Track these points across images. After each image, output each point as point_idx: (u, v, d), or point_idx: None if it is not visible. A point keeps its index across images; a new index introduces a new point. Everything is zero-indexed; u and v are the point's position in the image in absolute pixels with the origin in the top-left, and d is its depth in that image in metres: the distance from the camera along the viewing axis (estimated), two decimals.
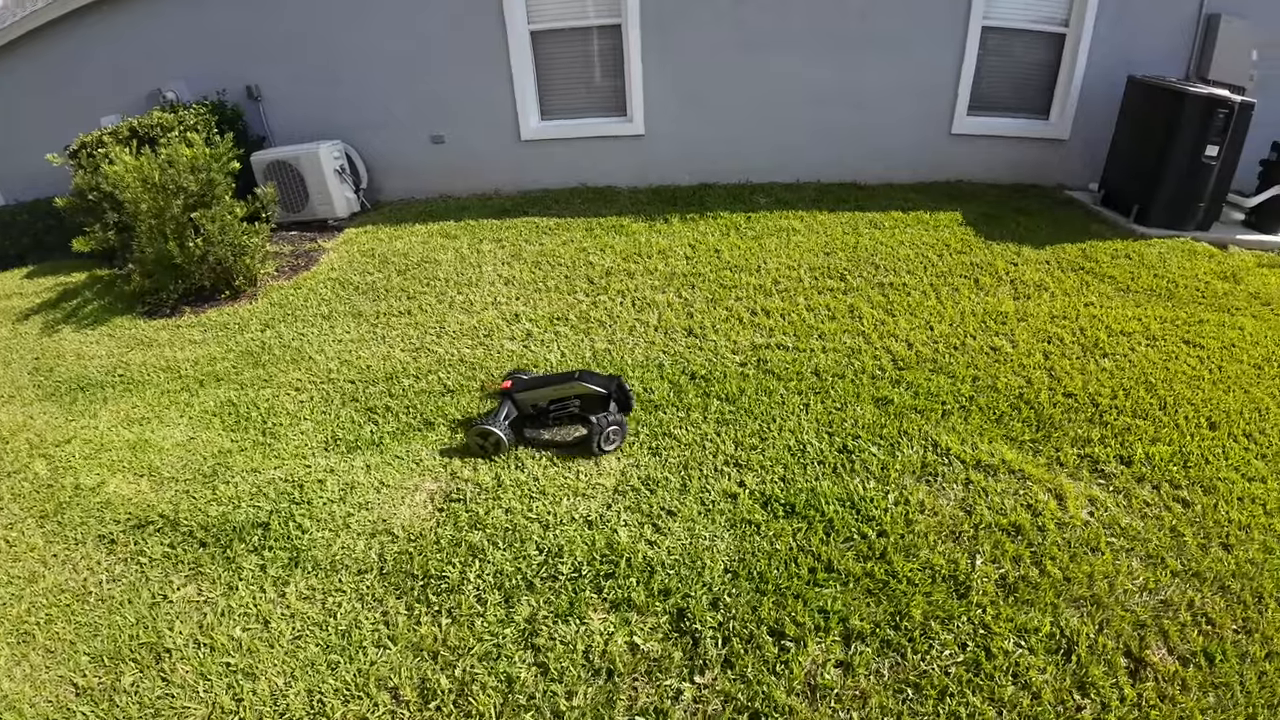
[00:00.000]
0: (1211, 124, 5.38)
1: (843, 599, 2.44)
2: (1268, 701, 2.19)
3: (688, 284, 4.70)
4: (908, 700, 2.13)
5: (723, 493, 2.94)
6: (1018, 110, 6.53)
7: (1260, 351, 4.10)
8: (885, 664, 2.24)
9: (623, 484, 3.03)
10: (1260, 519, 2.89)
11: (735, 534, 2.73)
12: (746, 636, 2.31)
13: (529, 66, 6.33)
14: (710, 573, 2.56)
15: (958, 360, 3.84)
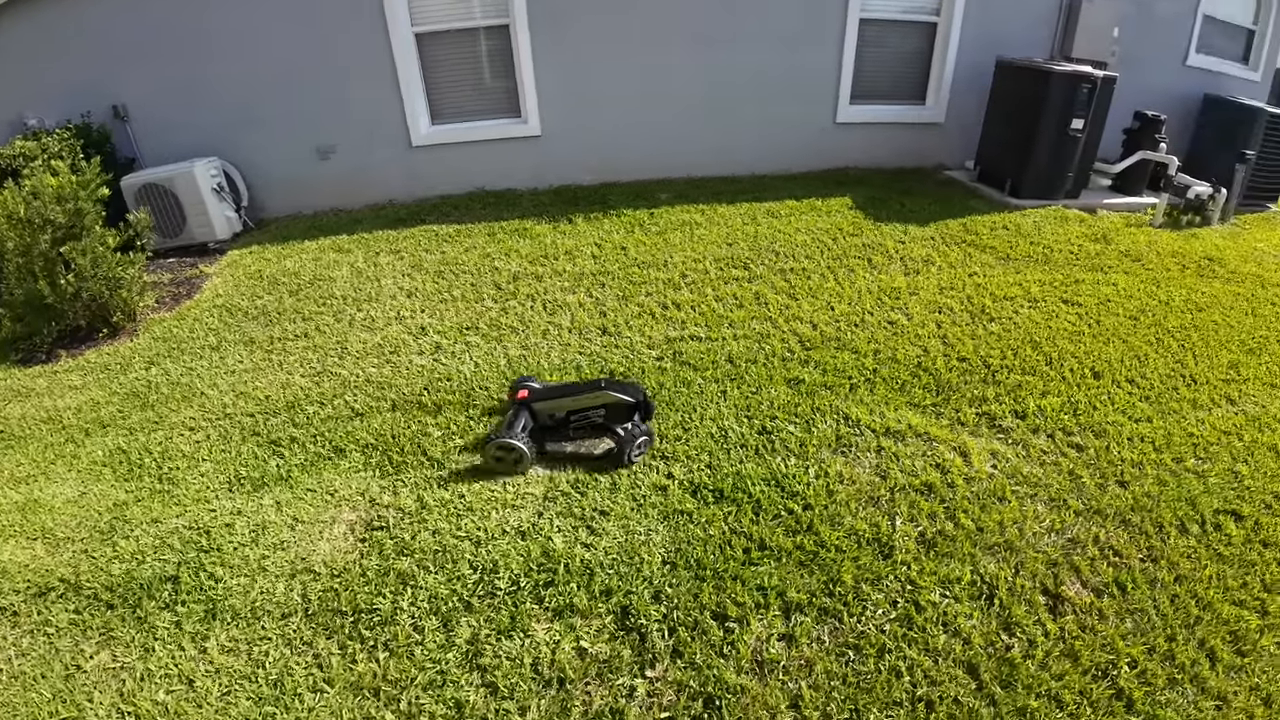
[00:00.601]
0: (1076, 99, 5.88)
1: (778, 574, 2.52)
2: (1184, 622, 2.43)
3: (597, 283, 4.71)
4: (850, 662, 2.23)
5: (652, 486, 2.97)
6: (897, 97, 6.94)
7: (1134, 304, 4.54)
8: (825, 631, 2.34)
9: (552, 490, 3.00)
10: (1150, 455, 3.21)
11: (669, 525, 2.77)
12: (691, 624, 2.35)
13: (416, 70, 6.15)
14: (649, 567, 2.58)
15: (859, 336, 4.04)
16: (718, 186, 6.45)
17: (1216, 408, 3.69)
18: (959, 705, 2.12)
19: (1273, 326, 4.57)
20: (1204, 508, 2.97)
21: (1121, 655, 2.30)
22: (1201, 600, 2.53)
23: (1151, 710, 2.17)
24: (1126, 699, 2.19)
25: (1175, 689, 2.24)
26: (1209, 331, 4.36)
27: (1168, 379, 3.86)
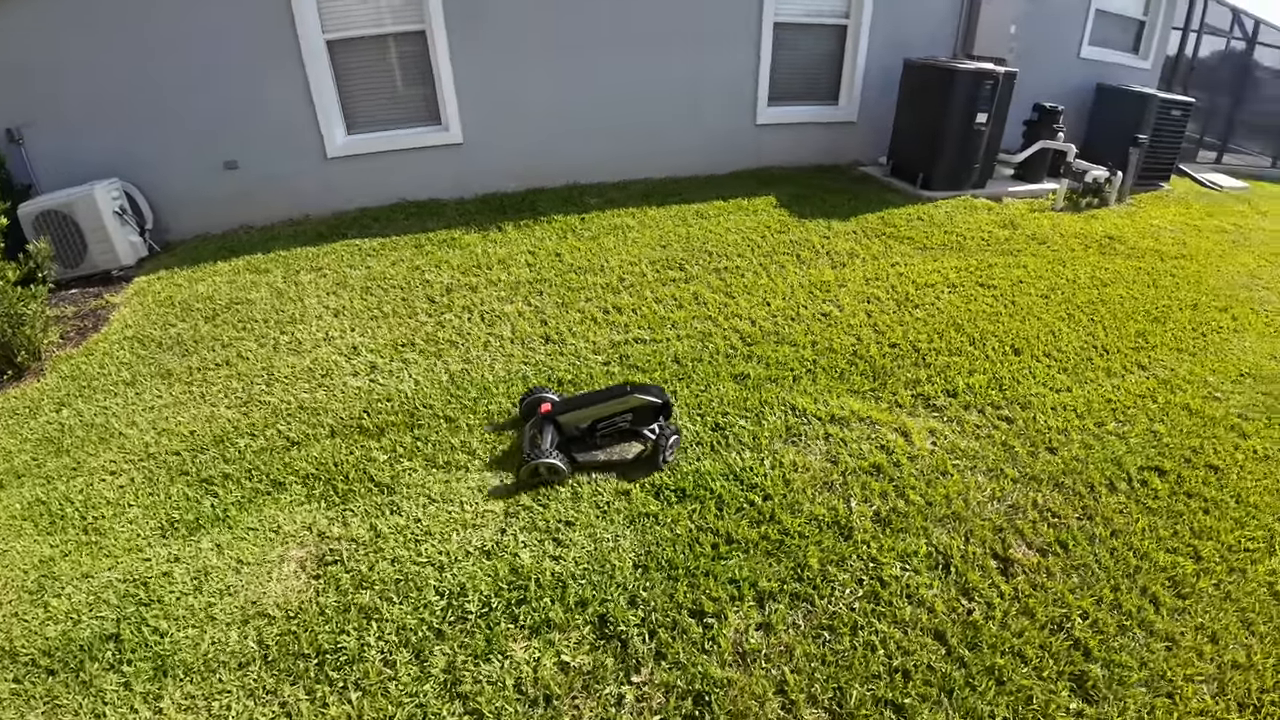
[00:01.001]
0: (979, 95, 6.25)
1: (748, 566, 2.57)
2: (1125, 572, 2.62)
3: (535, 291, 4.67)
4: (826, 643, 2.30)
5: (615, 491, 2.97)
6: (812, 98, 7.22)
7: (1044, 284, 4.86)
8: (799, 615, 2.40)
9: (512, 505, 2.95)
10: (1074, 422, 3.45)
11: (636, 529, 2.78)
12: (670, 624, 2.37)
13: (329, 79, 5.90)
14: (621, 573, 2.58)
15: (796, 330, 4.16)
16: (645, 189, 6.52)
17: (1129, 374, 4.01)
18: (932, 671, 2.23)
19: (1173, 296, 5.01)
20: (1129, 466, 3.22)
21: (1073, 608, 2.47)
22: (1138, 551, 2.74)
23: (1108, 656, 2.34)
24: (1084, 648, 2.35)
25: (1126, 635, 2.42)
26: (1115, 304, 4.73)
27: (1082, 351, 4.16)
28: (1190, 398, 3.86)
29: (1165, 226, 6.93)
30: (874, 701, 2.15)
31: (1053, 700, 2.20)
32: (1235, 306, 5.31)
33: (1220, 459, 3.42)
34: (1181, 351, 4.37)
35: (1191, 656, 2.40)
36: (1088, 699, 2.23)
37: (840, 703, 2.14)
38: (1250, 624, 2.58)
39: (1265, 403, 4.00)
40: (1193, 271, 5.87)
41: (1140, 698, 2.24)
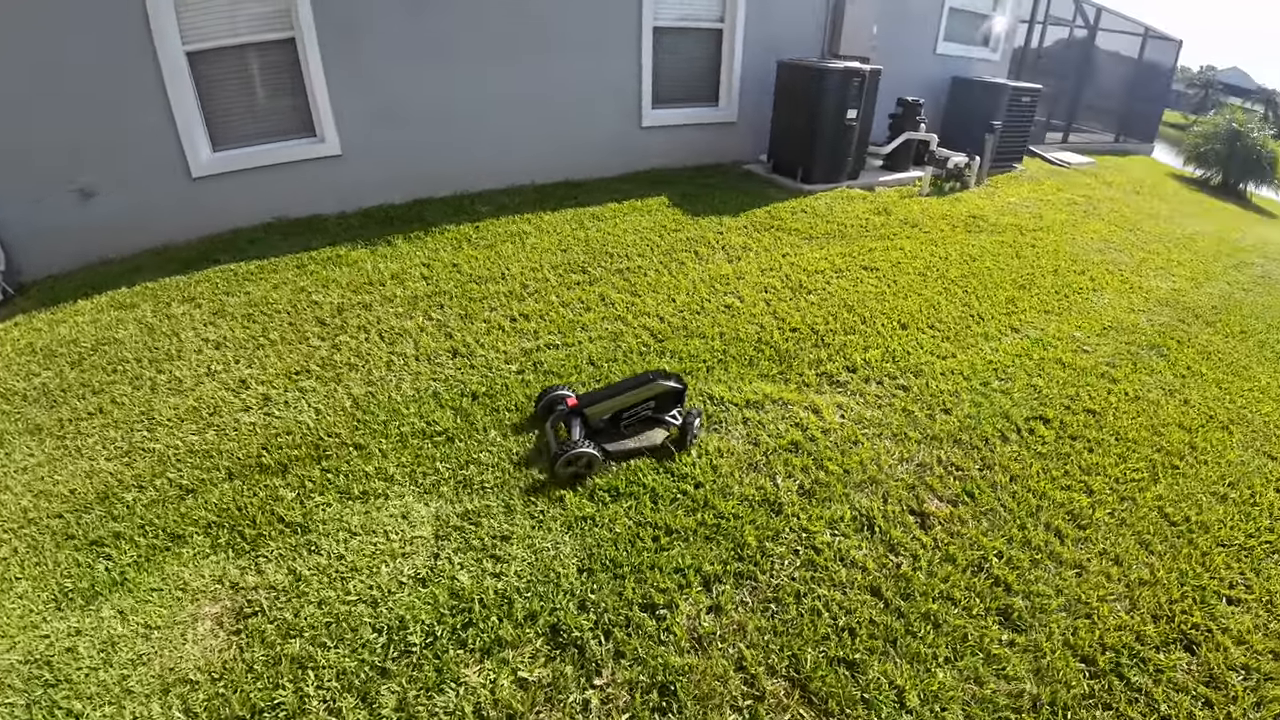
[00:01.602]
0: (849, 92, 6.64)
1: (690, 553, 2.61)
2: (1028, 512, 2.86)
3: (435, 304, 4.53)
4: (774, 614, 2.38)
5: (548, 499, 2.93)
6: (693, 100, 7.42)
7: (920, 263, 5.23)
8: (746, 593, 2.46)
9: (442, 528, 2.84)
10: (962, 384, 3.73)
11: (575, 533, 2.75)
12: (624, 622, 2.36)
13: (190, 93, 5.42)
14: (567, 579, 2.55)
15: (703, 322, 4.27)
16: (537, 195, 6.46)
17: (1005, 337, 4.40)
18: (875, 625, 2.35)
19: (1036, 265, 5.53)
20: (1016, 418, 3.53)
21: (988, 550, 2.68)
22: (1036, 492, 3.01)
23: (1026, 588, 2.55)
24: (1004, 584, 2.55)
25: (1040, 567, 2.65)
26: (985, 276, 5.17)
27: (960, 320, 4.52)
28: (1062, 353, 4.29)
29: (1022, 203, 7.65)
30: (828, 662, 2.24)
31: (985, 634, 2.38)
32: (1092, 269, 5.95)
33: (1096, 403, 3.82)
34: (1049, 313, 4.84)
35: (1101, 580, 2.67)
36: (1016, 629, 2.43)
37: (797, 668, 2.22)
38: (1148, 544, 2.90)
39: (1129, 351, 4.50)
40: (1051, 241, 6.51)
41: (1063, 621, 2.47)
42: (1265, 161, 13.15)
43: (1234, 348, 4.88)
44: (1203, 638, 2.53)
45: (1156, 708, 2.25)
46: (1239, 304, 5.84)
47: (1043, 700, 2.20)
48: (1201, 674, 2.40)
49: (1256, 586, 2.80)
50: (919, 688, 2.19)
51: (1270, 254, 8.15)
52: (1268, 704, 2.33)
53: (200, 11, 5.28)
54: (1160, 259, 6.67)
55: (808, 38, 7.71)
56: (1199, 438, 3.69)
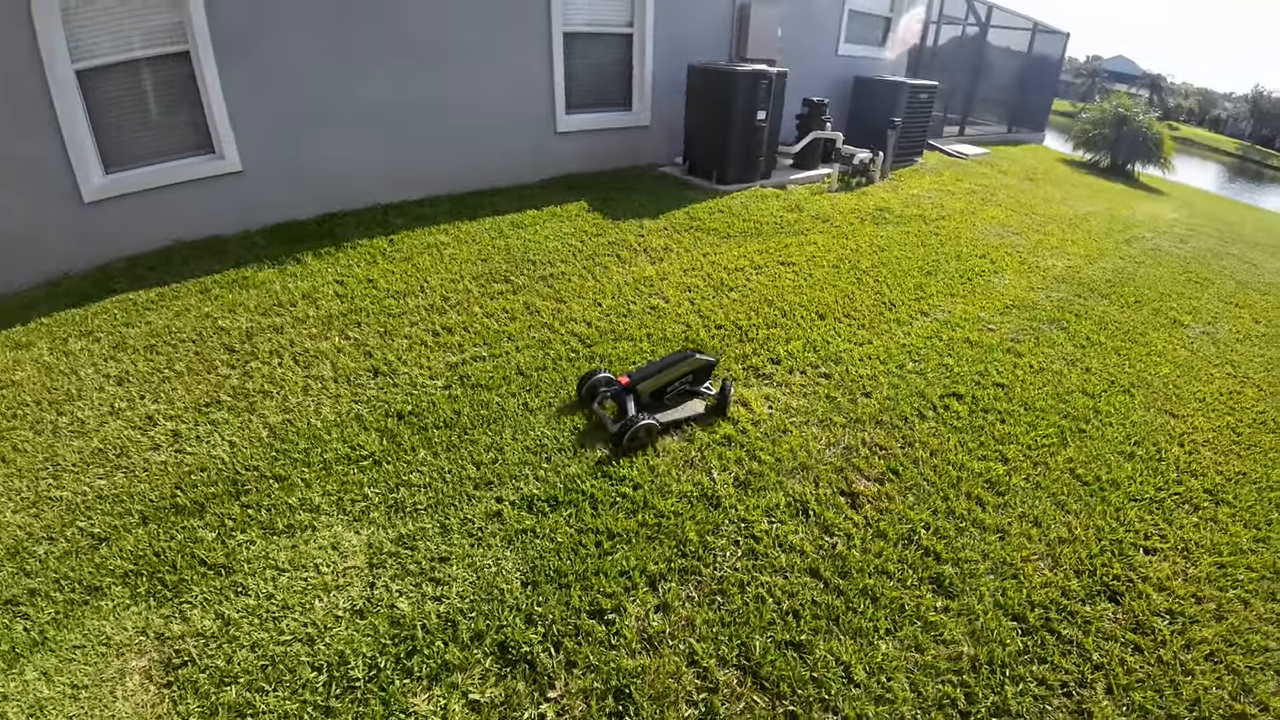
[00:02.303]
0: (757, 94, 6.79)
1: (634, 554, 2.61)
2: (949, 484, 2.98)
3: (351, 323, 4.37)
4: (721, 606, 2.41)
5: (485, 515, 2.87)
6: (607, 105, 7.44)
7: (833, 256, 5.40)
8: (691, 588, 2.48)
9: (376, 556, 2.74)
10: (879, 368, 3.87)
11: (516, 548, 2.71)
12: (573, 631, 2.34)
13: (80, 113, 5.01)
14: (511, 594, 2.50)
15: (630, 325, 4.29)
16: (453, 204, 6.33)
17: (915, 321, 4.60)
18: (817, 605, 2.42)
19: (940, 252, 5.79)
20: (931, 396, 3.69)
21: (916, 522, 2.79)
22: (955, 464, 3.16)
23: (955, 555, 2.67)
24: (934, 554, 2.66)
25: (965, 535, 2.77)
26: (894, 265, 5.40)
27: (874, 308, 4.70)
28: (969, 332, 4.51)
29: (925, 194, 8.02)
30: (776, 646, 2.28)
31: (921, 603, 2.47)
32: (992, 252, 6.29)
33: (1004, 377, 4.03)
34: (954, 296, 5.09)
35: (1023, 541, 2.83)
36: (949, 595, 2.54)
37: (747, 656, 2.25)
38: (1064, 505, 3.09)
39: (1030, 326, 4.78)
40: (952, 229, 6.85)
41: (992, 584, 2.60)
42: (1151, 142, 14.19)
43: (1129, 317, 5.27)
44: (1125, 588, 2.71)
45: (1089, 657, 2.40)
46: (1131, 276, 6.31)
47: (981, 660, 2.31)
48: (1128, 622, 2.57)
49: (1171, 536, 3.03)
50: (864, 661, 2.26)
51: (1160, 228, 8.84)
52: (1196, 645, 2.52)
53: (90, 27, 4.94)
54: (1055, 239, 7.13)
55: (716, 41, 7.88)
56: (1102, 402, 3.95)
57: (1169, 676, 2.39)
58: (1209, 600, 2.73)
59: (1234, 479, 3.49)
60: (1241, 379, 4.58)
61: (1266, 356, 5.03)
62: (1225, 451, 3.71)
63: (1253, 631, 2.61)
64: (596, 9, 7.02)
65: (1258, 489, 3.45)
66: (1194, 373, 4.54)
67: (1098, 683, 2.32)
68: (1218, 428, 3.92)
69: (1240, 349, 5.08)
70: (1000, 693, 2.22)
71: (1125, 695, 2.29)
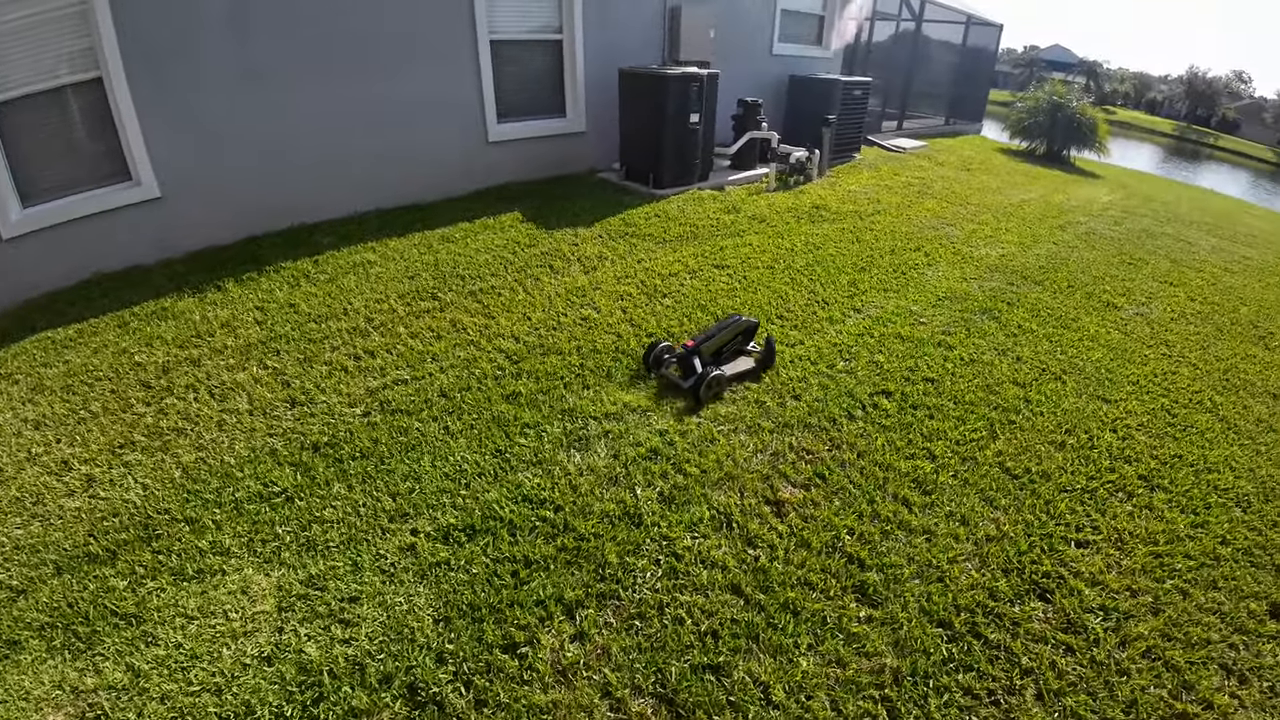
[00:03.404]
0: (689, 96, 6.74)
1: (551, 582, 2.51)
2: (875, 485, 2.93)
3: (270, 351, 4.20)
4: (639, 630, 2.32)
5: (399, 549, 2.75)
6: (540, 112, 7.32)
7: (768, 256, 5.36)
8: (609, 614, 2.39)
9: (285, 598, 2.61)
10: (810, 368, 3.83)
11: (429, 582, 2.59)
12: (484, 668, 2.23)
13: None
14: (422, 633, 2.39)
15: (560, 338, 4.19)
16: (382, 220, 6.15)
17: (848, 319, 4.58)
18: (737, 624, 2.34)
19: (874, 247, 5.80)
20: (860, 395, 3.65)
21: (840, 528, 2.74)
22: (882, 464, 3.12)
23: (879, 561, 2.62)
24: (858, 560, 2.61)
25: (890, 539, 2.73)
26: (828, 264, 5.38)
27: (807, 307, 4.67)
28: (900, 327, 4.50)
29: (861, 190, 8.06)
30: (693, 671, 2.20)
31: (844, 614, 2.42)
32: (926, 245, 6.32)
33: (934, 371, 4.02)
34: (888, 291, 5.09)
35: (950, 542, 2.78)
36: (872, 604, 2.48)
37: (663, 683, 2.17)
38: (991, 500, 3.05)
39: (962, 318, 4.79)
40: (888, 223, 6.89)
41: (917, 589, 2.55)
42: (1085, 128, 14.55)
43: (1062, 302, 5.32)
44: (1055, 585, 2.66)
45: (1017, 661, 2.33)
46: (1065, 261, 6.40)
47: (904, 672, 2.25)
48: (1059, 621, 2.51)
49: (1104, 526, 2.99)
50: (784, 681, 2.19)
51: (1094, 212, 9.02)
52: (1132, 642, 2.45)
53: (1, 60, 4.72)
54: (989, 228, 7.21)
55: (649, 44, 7.82)
56: (1033, 391, 3.96)
57: (1103, 678, 2.32)
58: (1145, 593, 2.68)
59: (1169, 462, 3.49)
60: (1176, 359, 4.63)
61: (1201, 334, 5.11)
62: (1160, 435, 3.73)
63: (1192, 624, 2.57)
64: (523, 16, 6.91)
65: (1194, 471, 3.45)
66: (1127, 355, 4.58)
67: (1027, 689, 2.26)
68: (1152, 410, 3.95)
69: (1175, 328, 5.15)
70: (924, 706, 2.16)
71: (1056, 700, 2.23)
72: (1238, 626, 2.58)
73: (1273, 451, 3.71)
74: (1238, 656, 2.46)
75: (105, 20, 4.89)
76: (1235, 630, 2.56)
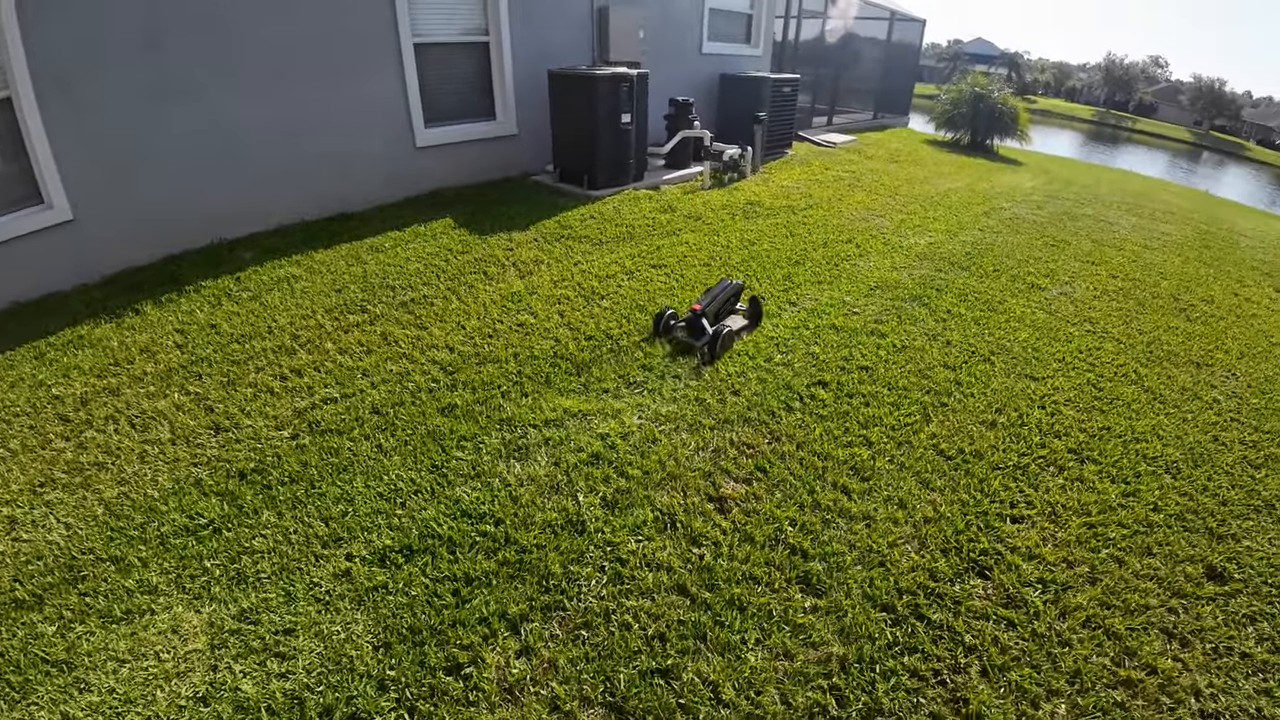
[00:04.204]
0: (619, 96, 6.71)
1: (494, 598, 2.45)
2: (815, 475, 2.95)
3: (192, 376, 3.99)
4: (585, 641, 2.29)
5: (333, 576, 2.64)
6: (469, 116, 7.17)
7: (704, 254, 5.38)
8: (555, 625, 2.35)
9: (218, 635, 2.48)
10: (748, 364, 3.85)
11: (367, 607, 2.50)
12: (428, 692, 2.16)
13: None
14: (362, 661, 2.30)
15: (496, 346, 4.11)
16: (308, 232, 5.93)
17: (784, 313, 4.63)
18: (684, 624, 2.33)
19: (807, 240, 5.88)
20: (798, 387, 3.69)
21: (782, 520, 2.75)
22: (821, 454, 3.15)
23: (822, 550, 2.64)
24: (801, 551, 2.63)
25: (831, 527, 2.75)
26: (764, 258, 5.43)
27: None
28: (834, 318, 4.57)
29: (794, 185, 8.18)
30: (642, 676, 2.18)
31: (789, 606, 2.43)
32: (858, 237, 6.45)
33: (868, 359, 4.09)
34: (821, 283, 5.16)
35: (889, 526, 2.82)
36: (817, 593, 2.50)
37: (612, 692, 2.14)
38: (928, 483, 3.10)
39: (893, 306, 4.89)
40: (819, 217, 7.00)
41: (859, 575, 2.58)
42: (1007, 117, 15.13)
43: (988, 286, 5.49)
44: (993, 561, 2.71)
45: (961, 640, 2.37)
46: (990, 247, 6.61)
47: (850, 659, 2.27)
48: (999, 597, 2.56)
49: (1037, 501, 3.08)
50: (733, 678, 2.19)
51: (1017, 197, 9.35)
52: (1071, 613, 2.50)
53: None
54: (918, 218, 7.41)
55: (578, 45, 7.76)
56: (963, 373, 4.07)
57: (1045, 650, 2.36)
58: (1081, 564, 2.74)
59: (1098, 435, 3.61)
60: (1100, 335, 4.82)
61: (1124, 309, 5.33)
62: (1087, 408, 3.86)
63: (1130, 590, 2.63)
64: (448, 19, 6.77)
65: (1123, 442, 3.57)
66: (1053, 334, 4.74)
67: (971, 666, 2.29)
68: (1078, 385, 4.09)
69: (1098, 305, 5.36)
70: (871, 691, 2.18)
71: (1001, 676, 2.26)
72: (1175, 590, 2.67)
73: (1199, 418, 3.89)
74: (1178, 620, 2.54)
75: (14, 40, 4.62)
76: (1173, 594, 2.65)
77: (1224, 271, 6.94)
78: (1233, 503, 3.22)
